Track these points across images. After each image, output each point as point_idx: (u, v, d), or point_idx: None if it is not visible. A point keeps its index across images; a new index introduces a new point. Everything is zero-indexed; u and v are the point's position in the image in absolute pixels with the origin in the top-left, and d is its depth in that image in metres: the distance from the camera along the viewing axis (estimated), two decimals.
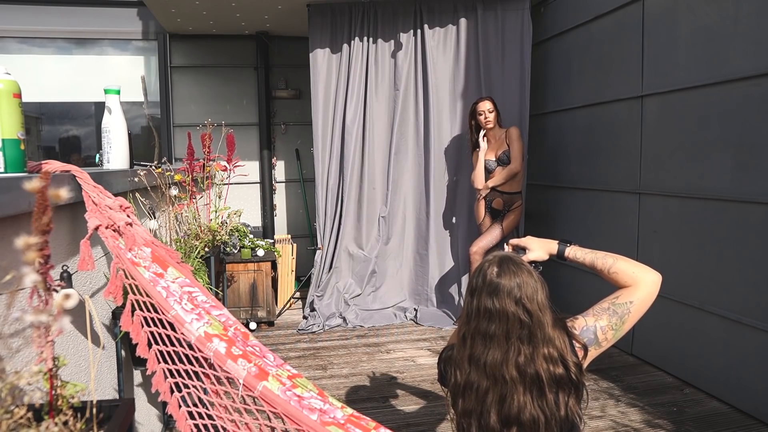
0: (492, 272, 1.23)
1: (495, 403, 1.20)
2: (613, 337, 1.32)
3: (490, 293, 1.21)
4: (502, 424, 1.20)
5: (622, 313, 1.32)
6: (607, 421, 2.55)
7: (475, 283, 1.25)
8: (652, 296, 1.34)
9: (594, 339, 1.30)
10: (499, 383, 1.20)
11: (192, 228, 2.65)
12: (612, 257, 1.38)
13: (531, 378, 1.19)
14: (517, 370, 1.19)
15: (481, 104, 3.71)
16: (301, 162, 5.47)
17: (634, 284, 1.34)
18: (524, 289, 1.20)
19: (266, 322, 4.09)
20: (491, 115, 3.68)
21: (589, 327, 1.31)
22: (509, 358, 1.19)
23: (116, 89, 2.18)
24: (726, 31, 2.70)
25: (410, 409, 2.71)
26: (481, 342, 1.22)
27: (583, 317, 1.34)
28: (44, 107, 5.24)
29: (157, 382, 1.20)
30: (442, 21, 4.20)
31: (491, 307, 1.20)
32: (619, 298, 1.34)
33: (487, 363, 1.21)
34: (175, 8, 4.31)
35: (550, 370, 1.18)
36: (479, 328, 1.22)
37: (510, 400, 1.19)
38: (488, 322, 1.21)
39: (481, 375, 1.22)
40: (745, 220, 2.61)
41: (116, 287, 1.32)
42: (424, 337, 3.81)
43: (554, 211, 4.30)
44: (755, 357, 2.55)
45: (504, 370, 1.19)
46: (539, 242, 1.46)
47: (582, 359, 1.26)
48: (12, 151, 1.37)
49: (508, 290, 1.20)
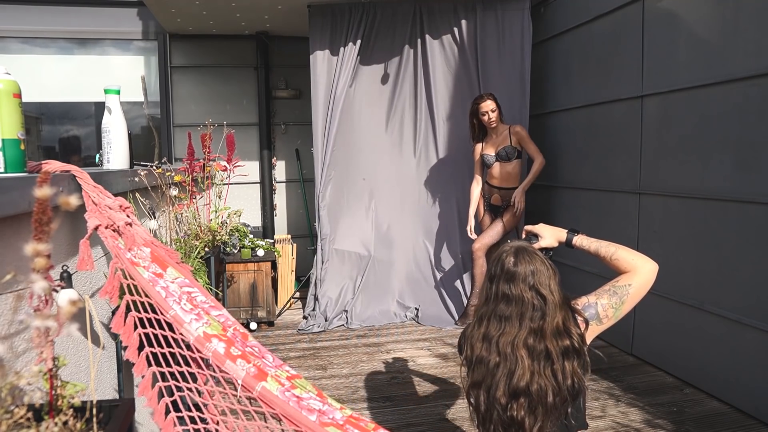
0: (509, 261, 1.37)
1: (504, 376, 1.32)
2: (614, 316, 1.46)
3: (507, 280, 1.36)
4: (510, 396, 1.31)
5: (622, 294, 1.46)
6: (607, 421, 2.55)
7: (494, 271, 1.40)
8: (649, 282, 1.49)
9: (595, 314, 1.45)
10: (509, 359, 1.32)
11: (192, 228, 2.66)
12: (614, 246, 1.53)
13: (539, 353, 1.31)
14: (526, 348, 1.32)
15: (483, 105, 3.70)
16: (301, 162, 5.47)
17: (633, 270, 1.48)
18: (537, 276, 1.34)
19: (266, 322, 4.09)
20: (494, 114, 3.68)
21: (591, 304, 1.46)
22: (520, 336, 1.33)
23: (116, 89, 2.18)
24: (726, 31, 2.70)
25: (410, 409, 2.71)
26: (497, 322, 1.36)
27: (586, 297, 1.48)
28: (44, 107, 5.24)
29: (144, 387, 1.18)
30: (441, 21, 4.20)
31: (509, 293, 1.35)
32: (619, 281, 1.49)
33: (500, 341, 1.34)
34: (175, 8, 4.31)
35: (557, 344, 1.32)
36: (496, 311, 1.37)
37: (519, 374, 1.30)
38: (506, 305, 1.35)
39: (493, 351, 1.35)
40: (745, 220, 2.61)
41: (113, 287, 1.32)
42: (424, 337, 3.81)
43: (554, 211, 4.30)
44: (755, 357, 2.55)
45: (515, 347, 1.32)
46: (551, 230, 1.60)
47: (584, 330, 1.40)
48: (12, 151, 1.38)
49: (524, 277, 1.34)
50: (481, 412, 1.37)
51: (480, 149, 3.81)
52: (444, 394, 2.87)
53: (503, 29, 4.17)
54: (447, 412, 2.67)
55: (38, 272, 0.65)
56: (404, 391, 2.93)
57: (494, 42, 4.19)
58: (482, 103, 3.70)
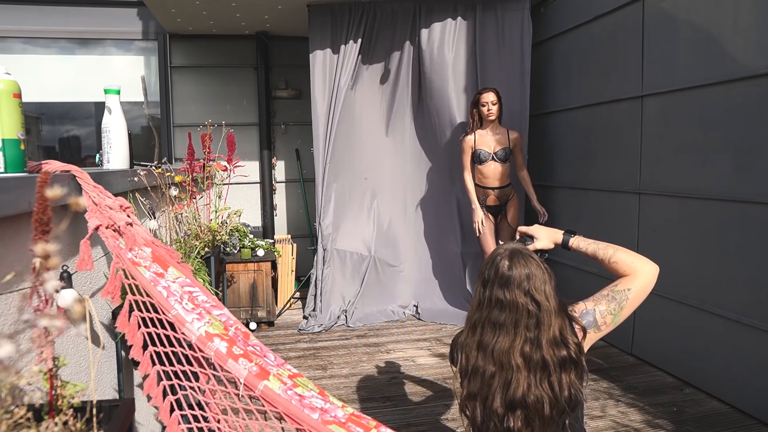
0: (504, 265, 1.30)
1: (500, 387, 1.26)
2: (612, 322, 1.39)
3: (501, 285, 1.28)
4: (507, 408, 1.25)
5: (621, 300, 1.39)
6: (607, 421, 2.54)
7: (487, 275, 1.32)
8: (650, 285, 1.42)
9: (593, 322, 1.38)
10: (505, 369, 1.26)
11: (192, 228, 2.65)
12: (612, 248, 1.46)
13: (536, 363, 1.25)
14: (522, 357, 1.25)
15: (485, 95, 3.69)
16: (301, 162, 5.47)
17: (633, 274, 1.41)
18: (533, 281, 1.27)
19: (266, 322, 4.09)
20: (494, 107, 3.67)
21: (588, 310, 1.39)
22: (516, 345, 1.26)
23: (116, 89, 2.18)
24: (726, 31, 2.70)
25: (410, 409, 2.71)
26: (491, 330, 1.29)
27: (584, 302, 1.41)
28: (44, 107, 5.24)
29: (149, 385, 1.19)
30: (441, 21, 4.19)
31: (502, 298, 1.27)
32: (618, 285, 1.42)
33: (495, 350, 1.27)
34: (175, 8, 4.31)
35: (554, 354, 1.25)
36: (490, 317, 1.29)
37: (515, 385, 1.24)
38: (499, 311, 1.28)
39: (488, 361, 1.28)
40: (745, 220, 2.61)
41: (115, 287, 1.32)
42: (424, 337, 3.81)
43: (554, 211, 4.30)
44: (755, 357, 2.55)
45: (510, 356, 1.26)
46: (547, 231, 1.53)
47: (582, 339, 1.33)
48: (12, 151, 1.37)
49: (518, 282, 1.27)
50: (477, 424, 1.31)
51: (472, 142, 3.76)
52: (444, 394, 2.87)
53: (503, 29, 4.17)
54: (447, 412, 2.67)
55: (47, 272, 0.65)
56: (404, 391, 2.93)
57: (494, 42, 4.19)
58: (485, 93, 3.70)
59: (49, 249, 0.63)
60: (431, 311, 4.12)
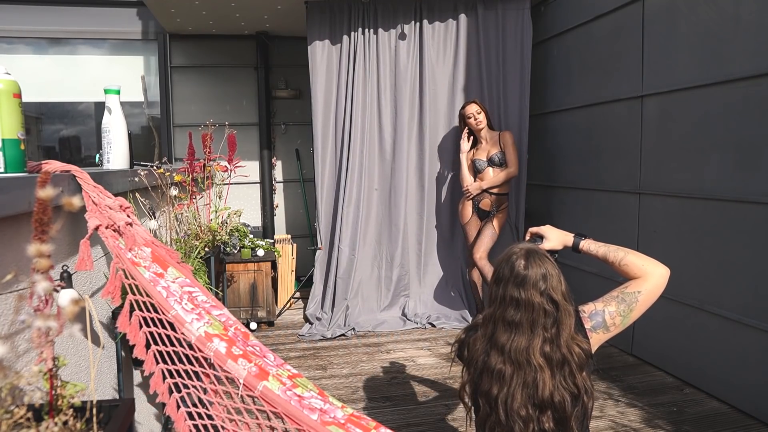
0: (520, 264, 1.30)
1: (519, 387, 1.27)
2: (621, 324, 1.40)
3: (517, 284, 1.28)
4: (535, 408, 1.26)
5: (630, 302, 1.40)
6: (606, 421, 2.54)
7: (502, 273, 1.32)
8: (660, 288, 1.43)
9: (602, 322, 1.39)
10: (524, 368, 1.26)
11: (192, 228, 2.65)
12: (623, 251, 1.47)
13: (557, 362, 1.26)
14: (543, 357, 1.26)
15: (468, 108, 3.72)
16: (301, 162, 5.47)
17: (643, 276, 1.42)
18: (550, 280, 1.28)
19: (266, 322, 4.08)
20: (480, 115, 3.69)
21: (598, 311, 1.40)
22: (535, 345, 1.26)
23: (116, 89, 2.18)
24: (726, 31, 2.70)
25: (410, 409, 2.71)
26: (505, 329, 1.29)
27: (593, 303, 1.43)
28: (44, 107, 5.24)
29: (155, 383, 1.20)
30: (442, 20, 4.19)
31: (518, 297, 1.27)
32: (629, 287, 1.42)
33: (512, 349, 1.27)
34: (175, 8, 4.31)
35: (573, 353, 1.27)
36: (504, 316, 1.29)
37: (541, 385, 1.25)
38: (514, 310, 1.28)
39: (505, 361, 1.28)
40: (745, 220, 2.61)
41: (115, 287, 1.32)
42: (424, 337, 3.81)
43: (554, 211, 4.30)
44: (755, 357, 2.55)
45: (530, 356, 1.26)
46: (557, 233, 1.54)
47: (590, 339, 1.35)
48: (12, 151, 1.37)
49: (534, 282, 1.27)
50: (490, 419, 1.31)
51: (470, 155, 3.81)
52: (444, 394, 2.87)
53: (503, 28, 4.17)
54: (447, 412, 2.67)
55: (41, 273, 0.65)
56: (404, 391, 2.93)
57: (494, 41, 4.19)
58: (466, 106, 3.74)
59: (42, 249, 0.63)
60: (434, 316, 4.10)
